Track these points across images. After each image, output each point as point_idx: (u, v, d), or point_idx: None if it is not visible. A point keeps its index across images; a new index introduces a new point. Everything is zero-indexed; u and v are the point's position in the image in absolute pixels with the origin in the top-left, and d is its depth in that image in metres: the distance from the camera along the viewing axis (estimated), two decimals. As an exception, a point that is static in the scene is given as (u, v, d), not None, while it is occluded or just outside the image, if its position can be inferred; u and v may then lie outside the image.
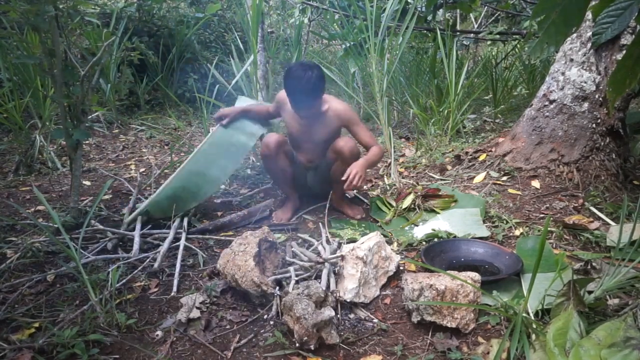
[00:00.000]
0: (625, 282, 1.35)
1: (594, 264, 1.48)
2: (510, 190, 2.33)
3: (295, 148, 2.25)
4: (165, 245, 1.77)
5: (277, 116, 2.37)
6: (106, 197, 2.48)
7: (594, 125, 2.30)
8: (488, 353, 1.21)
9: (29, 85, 3.14)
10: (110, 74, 4.26)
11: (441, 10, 4.76)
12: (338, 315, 1.39)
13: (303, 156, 2.26)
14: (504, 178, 2.45)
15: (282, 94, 2.12)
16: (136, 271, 1.62)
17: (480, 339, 1.28)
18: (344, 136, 2.10)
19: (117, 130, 4.28)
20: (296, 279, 1.52)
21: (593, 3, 1.40)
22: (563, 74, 2.38)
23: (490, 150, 2.71)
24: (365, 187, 2.69)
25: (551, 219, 2.02)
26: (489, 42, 6.66)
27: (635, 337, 1.05)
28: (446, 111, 3.52)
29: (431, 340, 1.29)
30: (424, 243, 1.90)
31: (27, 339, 1.25)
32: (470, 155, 2.79)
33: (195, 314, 1.37)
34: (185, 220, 2.02)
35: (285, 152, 2.13)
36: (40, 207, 2.31)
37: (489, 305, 1.39)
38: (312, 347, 1.22)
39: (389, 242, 1.92)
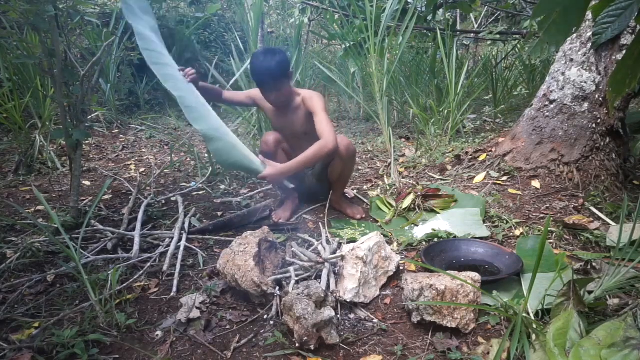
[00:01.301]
0: (625, 282, 1.35)
1: (594, 264, 1.48)
2: (511, 190, 2.33)
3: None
4: (172, 246, 1.76)
5: (250, 105, 2.32)
6: (106, 197, 2.48)
7: (594, 125, 2.30)
8: (488, 353, 1.20)
9: (29, 85, 3.14)
10: (110, 74, 4.26)
11: (441, 10, 4.76)
12: (338, 315, 1.39)
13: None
14: (504, 178, 2.45)
15: (257, 91, 2.12)
16: (141, 273, 1.62)
17: (480, 339, 1.28)
18: (339, 134, 2.10)
19: (117, 130, 4.29)
20: (296, 279, 1.52)
21: (593, 3, 1.40)
22: (563, 74, 2.38)
23: (490, 150, 2.71)
24: (365, 187, 2.69)
25: (551, 219, 2.02)
26: (489, 42, 6.66)
27: (635, 337, 1.05)
28: (446, 111, 3.52)
29: (431, 340, 1.29)
30: (424, 243, 1.90)
31: (27, 339, 1.25)
32: (470, 155, 2.79)
33: (195, 314, 1.37)
34: (186, 220, 2.02)
35: (284, 150, 2.13)
36: (40, 207, 2.31)
37: (489, 305, 1.39)
38: (312, 347, 1.22)
39: (389, 242, 1.92)
